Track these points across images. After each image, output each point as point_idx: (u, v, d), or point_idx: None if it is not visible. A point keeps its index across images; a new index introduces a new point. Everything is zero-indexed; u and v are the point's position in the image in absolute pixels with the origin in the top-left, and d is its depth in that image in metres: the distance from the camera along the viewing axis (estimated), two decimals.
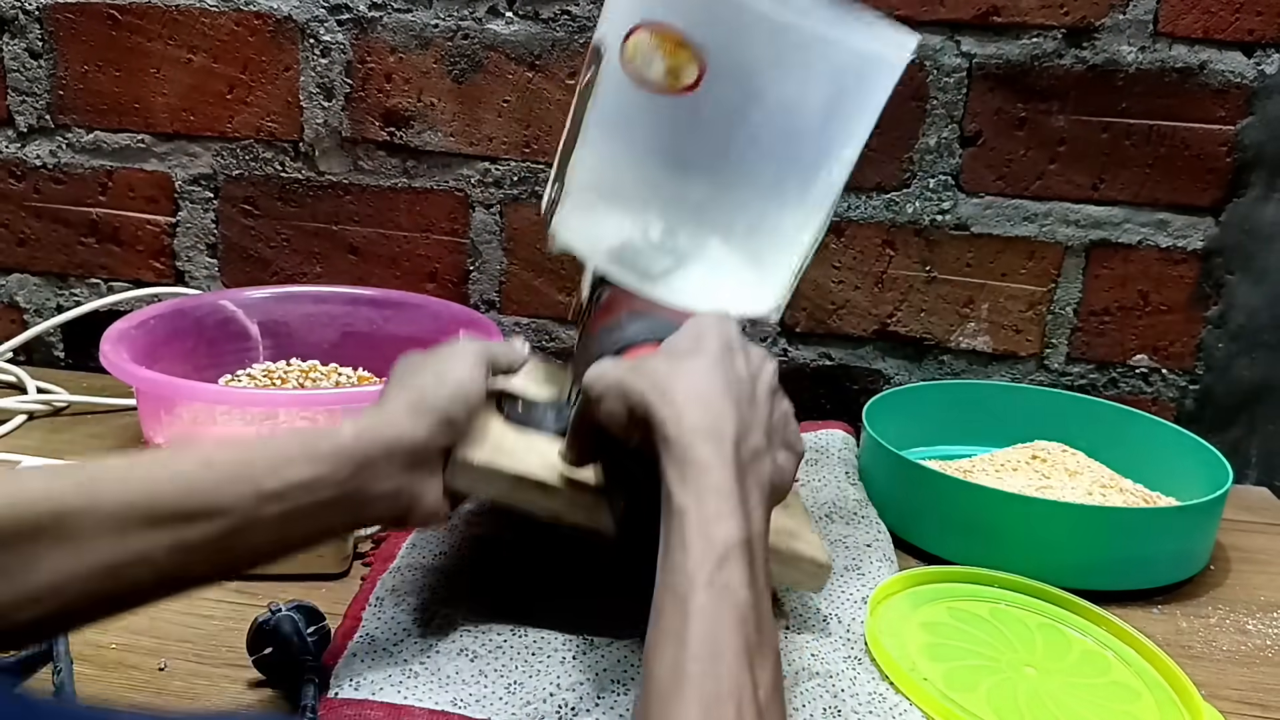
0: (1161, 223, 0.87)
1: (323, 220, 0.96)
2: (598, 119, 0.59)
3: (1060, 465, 0.78)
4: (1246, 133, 0.83)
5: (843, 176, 0.63)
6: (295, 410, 0.73)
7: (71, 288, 1.00)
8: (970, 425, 0.86)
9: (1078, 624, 0.62)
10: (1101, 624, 0.62)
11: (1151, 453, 0.80)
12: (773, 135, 0.57)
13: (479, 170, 0.92)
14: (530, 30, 0.88)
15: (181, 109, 0.94)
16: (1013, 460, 0.79)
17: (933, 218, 0.88)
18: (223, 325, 0.88)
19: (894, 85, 0.59)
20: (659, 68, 0.55)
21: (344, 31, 0.91)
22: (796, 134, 0.58)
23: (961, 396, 0.87)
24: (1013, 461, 0.79)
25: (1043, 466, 0.78)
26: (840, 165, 0.62)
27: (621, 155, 0.60)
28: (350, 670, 0.54)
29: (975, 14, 0.84)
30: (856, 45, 0.56)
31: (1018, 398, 0.87)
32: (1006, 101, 0.85)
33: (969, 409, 0.86)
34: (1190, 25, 0.82)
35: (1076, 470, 0.77)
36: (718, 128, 0.56)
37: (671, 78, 0.55)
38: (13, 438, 0.84)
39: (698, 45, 0.54)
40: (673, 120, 0.57)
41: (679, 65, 0.54)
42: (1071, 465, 0.78)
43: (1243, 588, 0.72)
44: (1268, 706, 0.59)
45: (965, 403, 0.87)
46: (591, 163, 0.61)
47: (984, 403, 0.87)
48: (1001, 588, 0.65)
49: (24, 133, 0.96)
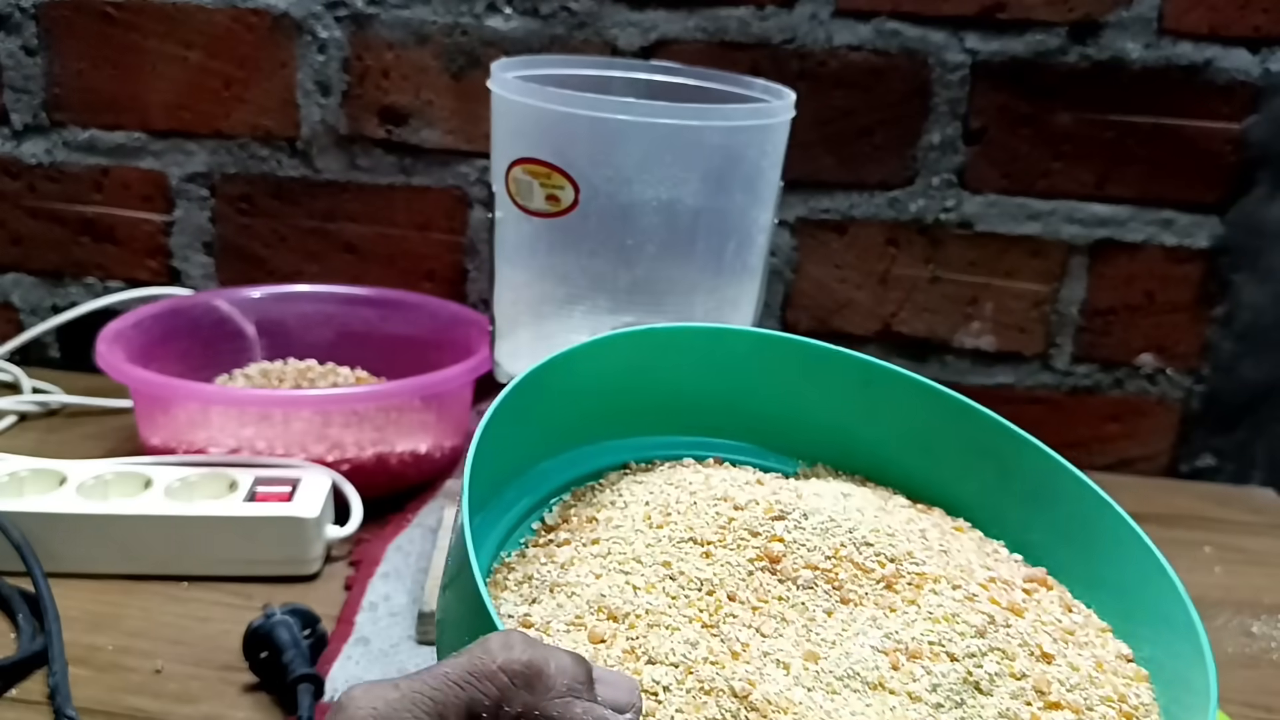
0: (1167, 221, 0.86)
1: (319, 218, 0.95)
2: (503, 255, 0.65)
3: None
4: (1252, 130, 0.83)
5: (764, 240, 0.66)
6: (292, 410, 0.72)
7: (66, 287, 1.00)
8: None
9: None
10: None
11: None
12: (669, 228, 0.61)
13: (477, 168, 0.92)
14: (529, 26, 0.88)
15: (177, 106, 0.94)
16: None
17: (936, 216, 0.88)
18: (219, 325, 0.88)
19: (781, 141, 0.63)
20: (539, 196, 0.60)
21: (341, 28, 0.90)
22: (691, 219, 0.62)
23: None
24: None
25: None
26: (756, 229, 0.65)
27: (534, 282, 0.65)
28: (345, 674, 0.54)
29: (979, 10, 0.83)
30: (717, 124, 0.59)
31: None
32: (1010, 99, 0.85)
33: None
34: (1195, 22, 0.81)
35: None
36: (610, 234, 0.61)
37: (553, 203, 0.60)
38: (6, 437, 0.84)
39: (566, 169, 0.59)
40: (564, 238, 0.62)
41: (556, 190, 0.59)
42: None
43: (1248, 590, 0.71)
44: (1273, 709, 0.59)
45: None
46: (510, 296, 0.66)
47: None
48: None
49: (19, 131, 0.96)
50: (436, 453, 0.77)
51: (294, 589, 0.65)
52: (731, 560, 0.38)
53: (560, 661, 0.28)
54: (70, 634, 0.58)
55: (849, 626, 0.36)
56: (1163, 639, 0.38)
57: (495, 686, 0.27)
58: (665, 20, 0.85)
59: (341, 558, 0.68)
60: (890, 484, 0.47)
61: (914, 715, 0.33)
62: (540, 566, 0.38)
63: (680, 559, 0.37)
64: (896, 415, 0.46)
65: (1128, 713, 0.36)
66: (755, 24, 0.85)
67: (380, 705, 0.27)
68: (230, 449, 0.72)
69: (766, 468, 0.47)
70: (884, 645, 0.35)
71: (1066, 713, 0.34)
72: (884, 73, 0.85)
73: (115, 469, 0.69)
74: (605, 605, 0.35)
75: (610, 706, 0.28)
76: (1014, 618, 0.37)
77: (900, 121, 0.86)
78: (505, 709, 0.27)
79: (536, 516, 0.42)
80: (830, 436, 0.47)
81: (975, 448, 0.45)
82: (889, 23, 0.84)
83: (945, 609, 0.36)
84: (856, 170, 0.88)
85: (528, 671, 0.27)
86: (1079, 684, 0.36)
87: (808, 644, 0.35)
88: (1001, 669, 0.35)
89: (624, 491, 0.42)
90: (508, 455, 0.39)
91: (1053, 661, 0.36)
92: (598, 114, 0.57)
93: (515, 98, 0.60)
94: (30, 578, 0.61)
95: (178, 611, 0.63)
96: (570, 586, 0.36)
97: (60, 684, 0.54)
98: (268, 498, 0.66)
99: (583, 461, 0.44)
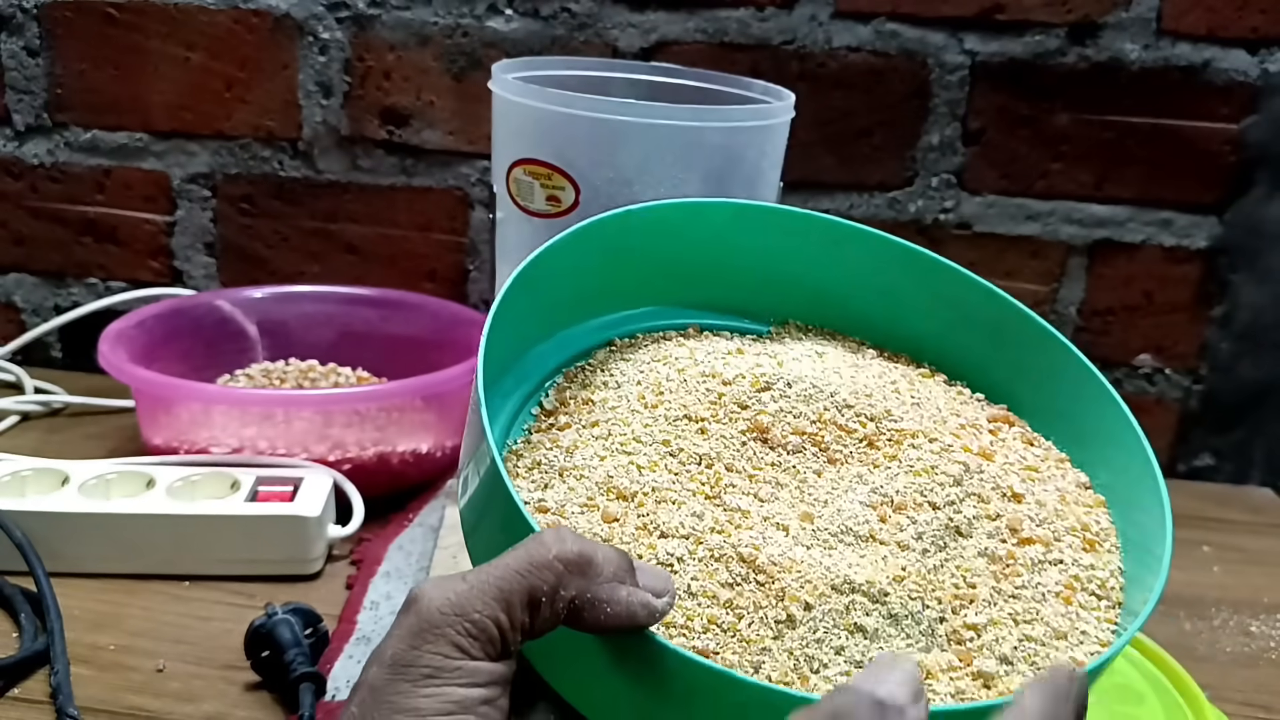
0: (1165, 222, 0.86)
1: (321, 219, 0.96)
2: (504, 255, 0.64)
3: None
4: (1251, 131, 0.83)
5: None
6: (294, 410, 0.72)
7: (69, 287, 1.00)
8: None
9: None
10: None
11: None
12: None
13: (478, 169, 0.92)
14: (530, 27, 0.88)
15: (179, 107, 0.94)
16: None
17: (935, 216, 0.88)
18: (221, 325, 0.88)
19: (781, 142, 0.62)
20: (540, 197, 0.60)
21: (343, 29, 0.90)
22: None
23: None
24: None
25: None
26: None
27: None
28: (347, 673, 0.54)
29: (978, 11, 0.83)
30: (717, 124, 0.59)
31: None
32: (1009, 100, 0.85)
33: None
34: (1194, 23, 0.82)
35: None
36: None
37: (553, 204, 0.60)
38: (8, 437, 0.84)
39: (567, 169, 0.59)
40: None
41: (556, 191, 0.59)
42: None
43: (1247, 589, 0.71)
44: (1272, 709, 0.59)
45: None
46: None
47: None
48: None
49: (21, 131, 0.96)
50: (438, 452, 0.77)
51: (296, 588, 0.65)
52: (725, 434, 0.41)
53: (607, 553, 0.32)
54: (72, 633, 0.59)
55: (838, 485, 0.40)
56: (1115, 462, 0.42)
57: (553, 574, 0.30)
58: (665, 22, 0.86)
59: (343, 557, 0.69)
60: (858, 334, 0.51)
61: (904, 561, 0.37)
62: (546, 452, 0.40)
63: (678, 436, 0.40)
64: (864, 269, 0.50)
65: (1090, 540, 0.40)
66: (755, 25, 0.85)
67: (452, 596, 0.30)
68: (232, 449, 0.73)
69: (743, 330, 0.50)
70: (871, 500, 0.39)
71: (1037, 546, 0.38)
72: (883, 74, 0.85)
73: (117, 469, 0.69)
74: (614, 486, 0.38)
75: (650, 592, 0.32)
76: (985, 463, 0.41)
77: (899, 122, 0.86)
78: (561, 593, 0.30)
79: (534, 401, 0.44)
80: (803, 294, 0.51)
81: (937, 294, 0.49)
82: (888, 24, 0.84)
83: (924, 462, 0.40)
84: (856, 171, 0.88)
85: (580, 560, 0.31)
86: (1046, 519, 0.40)
87: (803, 505, 0.39)
88: (978, 512, 0.39)
89: (614, 371, 0.45)
90: (506, 344, 0.42)
91: (1022, 501, 0.40)
92: (598, 115, 0.58)
93: (516, 99, 0.60)
94: (32, 577, 0.61)
95: (180, 611, 0.63)
96: (578, 470, 0.39)
97: (62, 683, 0.55)
98: (270, 497, 0.66)
99: (570, 343, 0.47)
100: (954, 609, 0.35)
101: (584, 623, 0.31)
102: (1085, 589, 0.38)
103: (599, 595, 0.31)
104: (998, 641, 0.35)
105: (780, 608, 0.34)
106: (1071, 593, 0.37)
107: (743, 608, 0.34)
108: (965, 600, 0.36)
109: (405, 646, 0.29)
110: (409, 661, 0.29)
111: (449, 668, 0.29)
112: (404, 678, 0.29)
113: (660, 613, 0.32)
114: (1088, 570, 0.38)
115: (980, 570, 0.37)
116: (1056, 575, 0.38)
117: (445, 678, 0.29)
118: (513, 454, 0.41)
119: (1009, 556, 0.38)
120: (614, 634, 0.32)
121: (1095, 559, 0.39)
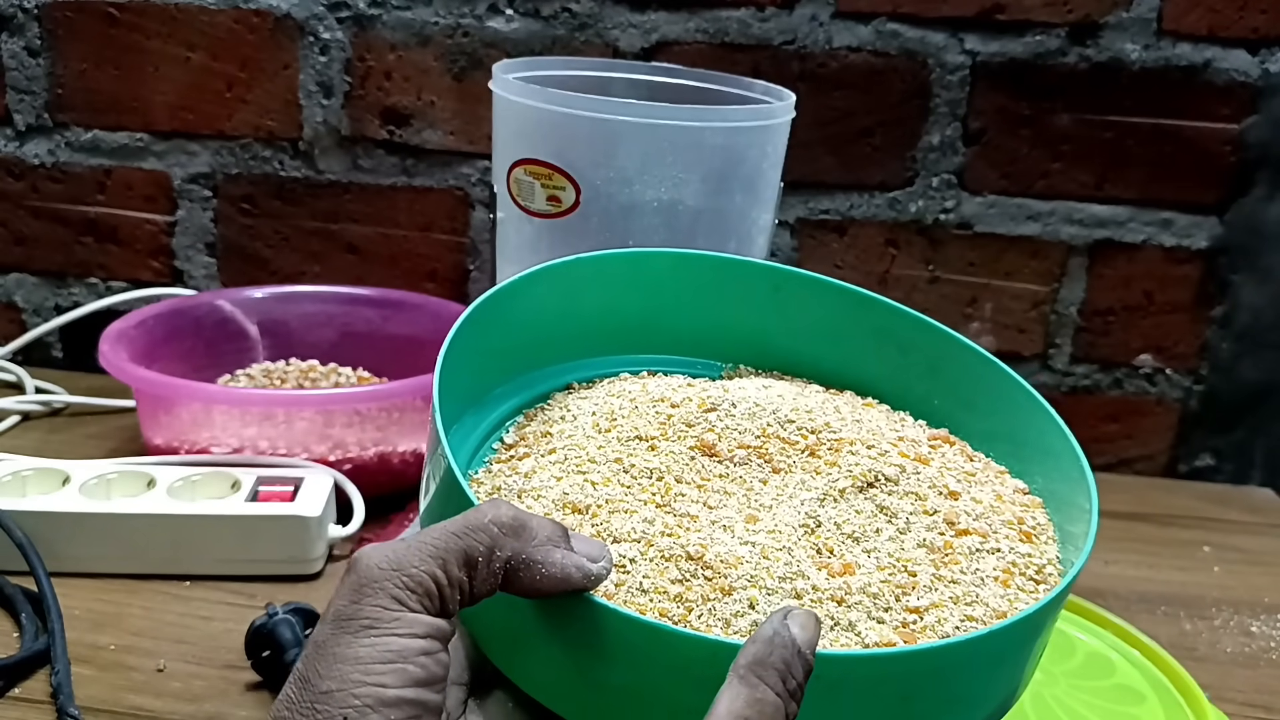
0: (1166, 222, 0.86)
1: (322, 219, 0.96)
2: (505, 255, 0.65)
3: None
4: (1251, 131, 0.83)
5: (764, 241, 0.66)
6: (294, 410, 0.72)
7: (69, 287, 1.00)
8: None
9: (1082, 626, 0.62)
10: (1106, 626, 0.61)
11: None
12: (669, 228, 0.62)
13: (479, 169, 0.92)
14: (531, 27, 0.88)
15: (180, 107, 0.94)
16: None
17: (935, 217, 0.88)
18: (221, 325, 0.88)
19: (781, 142, 0.63)
20: (541, 197, 0.60)
21: (343, 29, 0.90)
22: (691, 219, 0.62)
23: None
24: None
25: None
26: (756, 230, 0.65)
27: None
28: None
29: (978, 11, 0.83)
30: (717, 125, 0.60)
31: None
32: (1010, 100, 0.85)
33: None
34: (1194, 23, 0.82)
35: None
36: (612, 234, 0.61)
37: (554, 204, 0.60)
38: (9, 437, 0.84)
39: (567, 169, 0.59)
40: (566, 239, 0.62)
41: (557, 191, 0.60)
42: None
43: (1247, 589, 0.71)
44: (1272, 709, 0.59)
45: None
46: None
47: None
48: None
49: (22, 131, 0.96)
50: None
51: (296, 588, 0.65)
52: (674, 450, 0.42)
53: (541, 521, 0.33)
54: (73, 633, 0.59)
55: (783, 491, 0.41)
56: (1052, 471, 0.44)
57: (488, 536, 0.31)
58: (666, 22, 0.86)
59: (344, 557, 0.69)
60: (805, 375, 0.52)
61: (848, 555, 0.38)
62: (506, 479, 0.41)
63: (630, 454, 0.42)
64: (805, 312, 0.51)
65: (1027, 532, 0.41)
66: (755, 25, 0.85)
67: (390, 554, 0.31)
68: (233, 449, 0.73)
69: (695, 374, 0.51)
70: (814, 500, 0.40)
71: (975, 537, 0.40)
72: (884, 74, 0.85)
73: (118, 468, 0.69)
74: (569, 501, 0.39)
75: (585, 557, 0.33)
76: (922, 466, 0.43)
77: (900, 122, 0.86)
78: (497, 553, 0.31)
79: (496, 438, 0.45)
80: (748, 338, 0.52)
81: (877, 332, 0.50)
82: (889, 24, 0.84)
83: (863, 466, 0.42)
84: (856, 171, 0.88)
85: (514, 523, 0.32)
86: (983, 514, 0.41)
87: (749, 509, 0.40)
88: (916, 508, 0.41)
89: (571, 407, 0.46)
90: (465, 384, 0.43)
91: (959, 498, 0.42)
92: (599, 115, 0.58)
93: (517, 99, 0.60)
94: (33, 577, 0.61)
95: (180, 610, 0.63)
96: (535, 490, 0.40)
97: (63, 683, 0.55)
98: (270, 497, 0.67)
99: (530, 386, 0.48)
100: (896, 596, 0.37)
101: (521, 584, 0.32)
102: (1023, 574, 0.39)
103: (533, 556, 0.32)
104: (940, 623, 0.36)
105: (729, 601, 0.35)
106: (1010, 576, 0.39)
107: (692, 601, 0.35)
108: (907, 589, 0.37)
109: (346, 602, 0.30)
110: (350, 615, 0.30)
111: (387, 619, 0.30)
112: (345, 630, 0.30)
113: (595, 577, 0.33)
114: (1025, 558, 0.40)
115: (920, 560, 0.38)
116: (994, 561, 0.39)
117: (384, 628, 0.30)
118: (474, 481, 0.42)
119: (947, 546, 0.39)
120: (551, 596, 0.32)
121: (1033, 549, 0.40)
